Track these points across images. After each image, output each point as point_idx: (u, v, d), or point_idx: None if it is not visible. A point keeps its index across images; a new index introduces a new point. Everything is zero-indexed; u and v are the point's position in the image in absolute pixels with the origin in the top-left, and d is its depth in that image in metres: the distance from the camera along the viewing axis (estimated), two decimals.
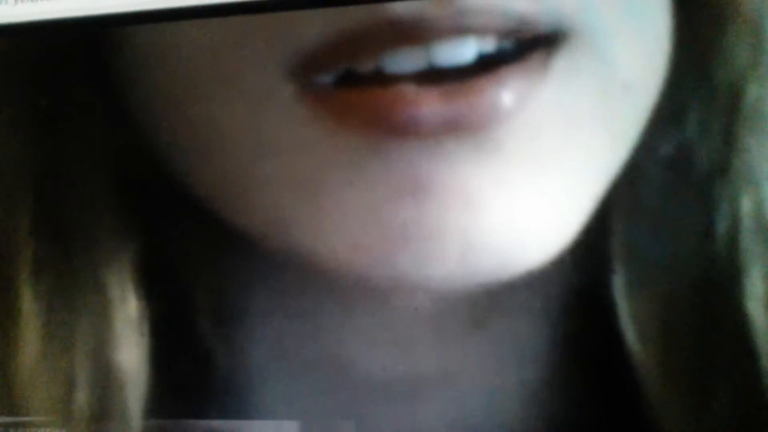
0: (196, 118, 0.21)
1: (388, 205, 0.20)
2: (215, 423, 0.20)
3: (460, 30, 0.21)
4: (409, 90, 0.20)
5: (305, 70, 0.21)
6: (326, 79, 0.21)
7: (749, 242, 0.20)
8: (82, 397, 0.20)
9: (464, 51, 0.21)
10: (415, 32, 0.21)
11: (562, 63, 0.20)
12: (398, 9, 0.21)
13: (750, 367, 0.19)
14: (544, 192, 0.20)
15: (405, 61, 0.21)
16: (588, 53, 0.21)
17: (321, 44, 0.21)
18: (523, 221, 0.20)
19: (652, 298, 0.20)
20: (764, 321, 0.20)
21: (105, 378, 0.20)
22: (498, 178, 0.20)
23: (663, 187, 0.21)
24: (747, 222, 0.20)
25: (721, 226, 0.20)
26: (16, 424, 0.20)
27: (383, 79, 0.21)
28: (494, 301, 0.20)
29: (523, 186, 0.20)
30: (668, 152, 0.21)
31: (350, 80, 0.21)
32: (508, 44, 0.21)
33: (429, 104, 0.20)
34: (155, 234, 0.21)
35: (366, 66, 0.21)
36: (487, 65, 0.20)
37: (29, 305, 0.21)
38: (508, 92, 0.20)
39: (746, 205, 0.20)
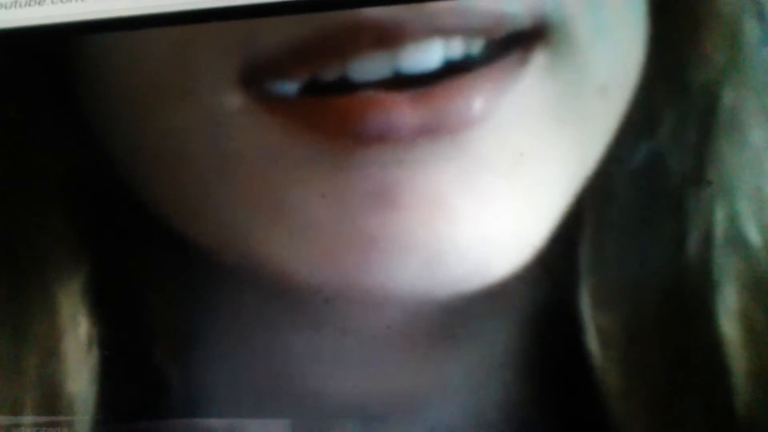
0: (152, 129, 0.20)
1: (355, 216, 0.20)
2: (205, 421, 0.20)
3: (426, 32, 0.20)
4: (375, 97, 0.20)
5: (265, 78, 0.20)
6: (290, 87, 0.20)
7: (722, 255, 0.19)
8: (28, 422, 0.20)
9: (431, 56, 0.20)
10: (381, 36, 0.20)
11: (535, 65, 0.20)
12: (364, 13, 0.20)
13: (721, 384, 0.19)
14: (514, 197, 0.20)
15: (371, 67, 0.20)
16: (563, 55, 0.20)
17: (283, 52, 0.20)
18: (493, 228, 0.20)
19: (619, 311, 0.19)
20: (737, 337, 0.19)
21: (52, 404, 0.20)
22: (468, 184, 0.20)
23: (634, 198, 0.20)
24: (720, 234, 0.19)
25: (694, 239, 0.20)
26: None
27: (347, 87, 0.20)
28: (463, 315, 0.20)
29: (493, 192, 0.20)
30: (640, 161, 0.20)
31: (314, 88, 0.20)
32: (476, 48, 0.20)
33: (398, 109, 0.20)
34: (110, 254, 0.21)
35: (330, 74, 0.20)
36: (456, 69, 0.20)
37: None
38: (478, 96, 0.20)
39: (720, 216, 0.20)
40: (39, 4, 0.24)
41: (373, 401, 0.20)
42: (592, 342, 0.19)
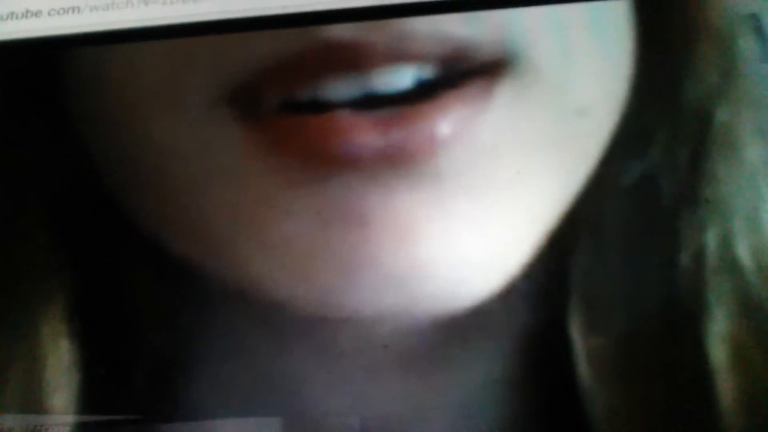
0: (137, 143, 0.21)
1: (324, 236, 0.20)
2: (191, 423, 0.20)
3: (398, 57, 0.20)
4: (345, 118, 0.20)
5: (243, 96, 0.20)
6: (270, 104, 0.20)
7: (714, 278, 0.19)
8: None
9: (402, 78, 0.20)
10: (352, 58, 0.20)
11: (506, 90, 0.20)
12: (335, 33, 0.20)
13: (708, 409, 0.18)
14: (487, 222, 0.20)
15: (342, 88, 0.20)
16: (536, 79, 0.20)
17: (257, 71, 0.20)
18: (464, 252, 0.19)
19: (610, 334, 0.19)
20: (725, 362, 0.19)
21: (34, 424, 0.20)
22: (436, 208, 0.20)
23: (625, 219, 0.20)
24: (713, 256, 0.19)
25: (685, 261, 0.19)
26: None
27: (320, 107, 0.20)
28: (455, 335, 0.20)
29: (464, 216, 0.20)
30: (632, 181, 0.20)
31: (292, 107, 0.20)
32: (448, 71, 0.20)
33: (364, 134, 0.20)
34: (95, 266, 0.21)
35: (303, 93, 0.20)
36: (426, 92, 0.20)
37: None
38: (446, 121, 0.20)
39: (713, 238, 0.19)
40: (36, 16, 0.25)
41: (366, 421, 0.20)
42: (582, 363, 0.19)
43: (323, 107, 0.20)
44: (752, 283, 0.19)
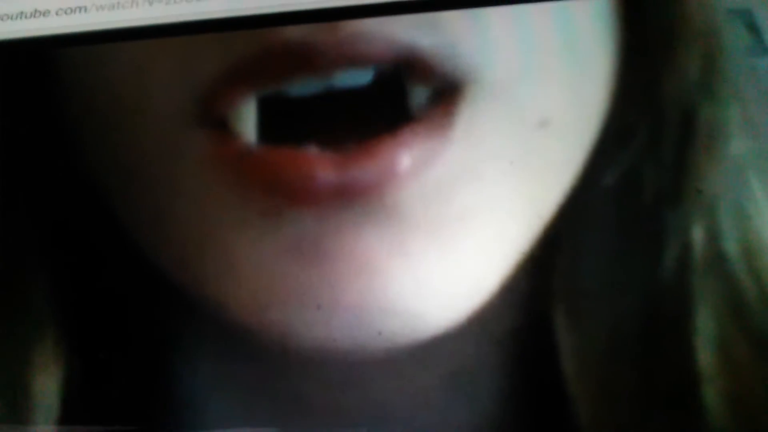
0: (115, 148, 0.21)
1: (286, 268, 0.20)
2: None
3: (355, 57, 0.20)
4: (308, 153, 0.20)
5: (209, 103, 0.20)
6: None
7: (700, 276, 0.19)
8: None
9: (361, 75, 0.20)
10: (310, 59, 0.20)
11: (466, 116, 0.20)
12: (291, 34, 0.21)
13: (695, 414, 0.18)
14: (450, 254, 0.19)
15: (305, 85, 0.20)
16: (494, 98, 0.20)
17: (221, 71, 0.21)
18: (426, 285, 0.19)
19: (595, 336, 0.19)
20: (710, 361, 0.18)
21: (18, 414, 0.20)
22: (396, 243, 0.19)
23: (609, 218, 0.19)
24: (699, 254, 0.19)
25: (670, 259, 0.19)
26: None
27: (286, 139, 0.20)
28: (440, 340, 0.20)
29: (425, 250, 0.19)
30: (614, 180, 0.19)
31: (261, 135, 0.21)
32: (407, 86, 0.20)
33: (326, 169, 0.20)
34: (79, 264, 0.21)
35: (267, 93, 0.20)
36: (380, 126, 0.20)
37: None
38: (407, 155, 0.20)
39: (698, 235, 0.19)
40: (44, 15, 0.25)
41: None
42: (567, 364, 0.19)
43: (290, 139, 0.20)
44: (741, 281, 0.19)
